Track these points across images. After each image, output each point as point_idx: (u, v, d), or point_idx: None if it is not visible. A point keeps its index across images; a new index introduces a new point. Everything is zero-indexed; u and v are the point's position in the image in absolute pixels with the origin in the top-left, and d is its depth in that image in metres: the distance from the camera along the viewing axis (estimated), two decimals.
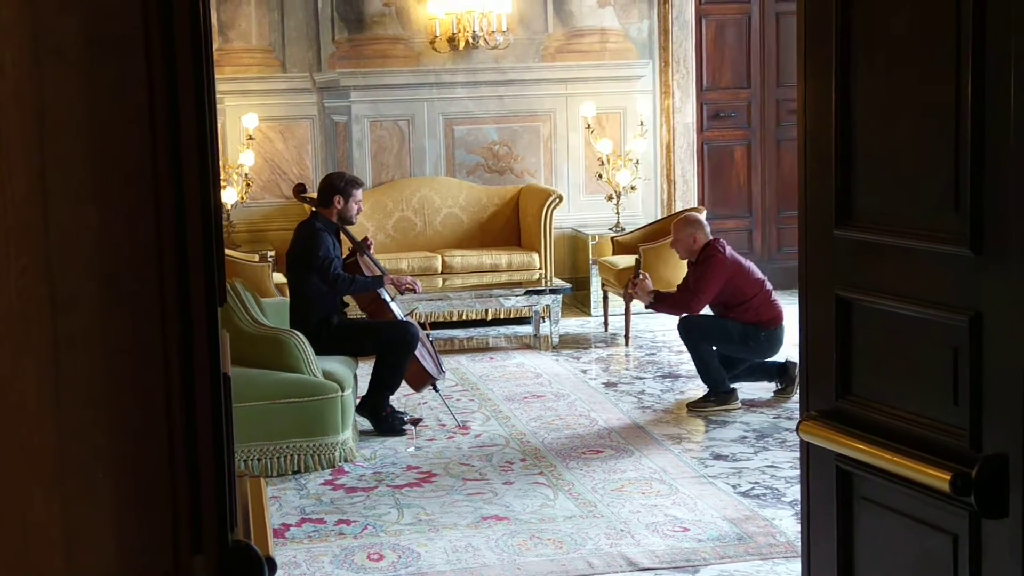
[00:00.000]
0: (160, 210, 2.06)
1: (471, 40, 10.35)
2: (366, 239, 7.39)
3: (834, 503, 2.96)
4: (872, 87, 2.75)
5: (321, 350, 6.57)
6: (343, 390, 6.29)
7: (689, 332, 7.34)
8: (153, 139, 2.03)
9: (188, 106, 2.10)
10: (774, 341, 7.30)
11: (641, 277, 7.45)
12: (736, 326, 7.25)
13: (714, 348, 7.28)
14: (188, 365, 2.14)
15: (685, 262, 7.64)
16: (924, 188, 2.62)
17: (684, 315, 7.45)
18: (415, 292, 7.28)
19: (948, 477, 2.49)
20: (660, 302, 7.44)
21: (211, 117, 2.64)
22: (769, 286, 7.32)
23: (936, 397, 2.63)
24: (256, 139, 10.10)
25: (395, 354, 6.84)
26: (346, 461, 6.34)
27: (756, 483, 5.94)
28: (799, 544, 4.92)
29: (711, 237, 7.39)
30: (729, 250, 7.30)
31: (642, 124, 10.64)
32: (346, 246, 7.41)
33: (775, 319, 7.26)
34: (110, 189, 1.90)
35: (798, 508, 5.45)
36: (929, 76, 2.57)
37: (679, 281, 7.68)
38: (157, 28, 2.04)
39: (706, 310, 7.38)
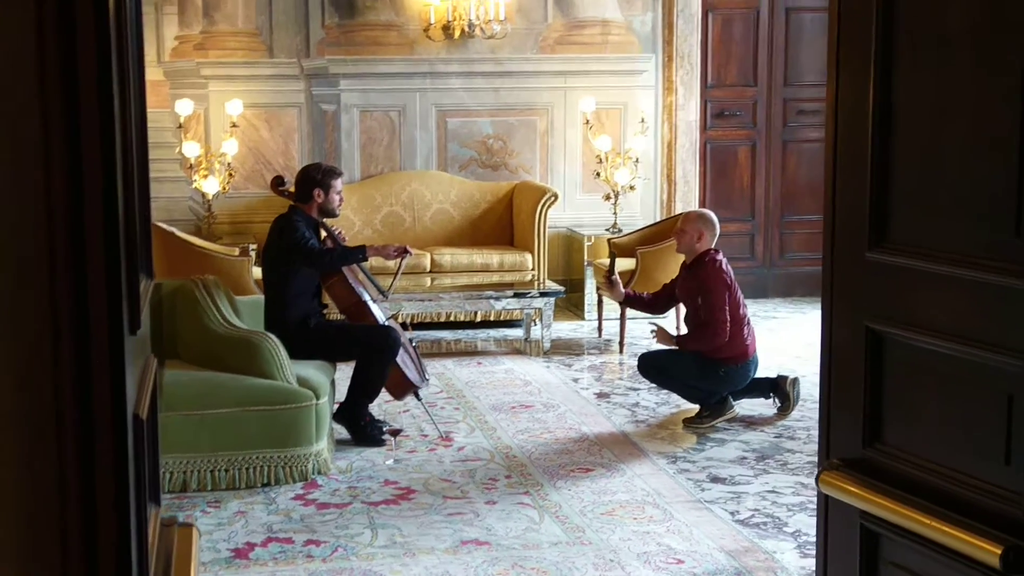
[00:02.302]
0: (52, 221, 1.68)
1: (467, 29, 9.97)
2: (338, 230, 6.97)
3: (857, 566, 2.60)
4: (917, 87, 2.37)
5: (297, 353, 6.18)
6: (318, 398, 5.90)
7: (648, 371, 7.02)
8: (46, 136, 1.65)
9: (90, 91, 1.72)
10: (734, 377, 6.84)
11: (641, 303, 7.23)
12: (694, 357, 6.84)
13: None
14: (87, 408, 1.76)
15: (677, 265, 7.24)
16: (977, 208, 2.25)
17: (641, 354, 7.20)
18: (408, 255, 6.83)
19: (999, 551, 2.16)
20: (687, 343, 6.87)
21: (137, 106, 2.25)
22: (746, 319, 6.88)
23: (984, 453, 2.28)
24: (240, 127, 9.71)
25: (375, 359, 6.46)
26: (320, 473, 5.95)
27: (756, 510, 5.54)
28: None
29: (713, 246, 6.93)
30: (726, 264, 6.85)
31: (643, 121, 10.26)
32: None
33: (738, 356, 6.81)
34: None
35: (801, 540, 5.09)
36: (989, 75, 2.19)
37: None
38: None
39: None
